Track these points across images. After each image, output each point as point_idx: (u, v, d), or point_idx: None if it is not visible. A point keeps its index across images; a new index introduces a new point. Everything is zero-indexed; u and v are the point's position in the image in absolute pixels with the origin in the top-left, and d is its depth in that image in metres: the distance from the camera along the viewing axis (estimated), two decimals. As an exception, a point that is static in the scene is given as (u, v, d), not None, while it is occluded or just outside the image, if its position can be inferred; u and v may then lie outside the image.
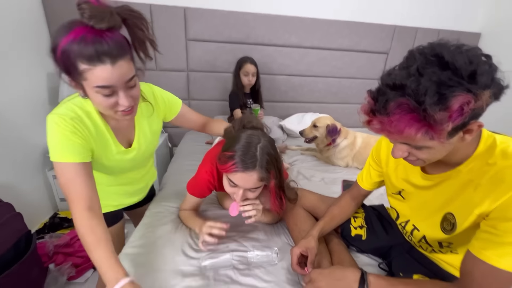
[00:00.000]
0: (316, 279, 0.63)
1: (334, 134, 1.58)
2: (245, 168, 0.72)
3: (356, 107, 2.41)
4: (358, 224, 0.91)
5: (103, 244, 0.63)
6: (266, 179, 0.76)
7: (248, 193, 0.80)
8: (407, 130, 0.45)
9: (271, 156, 0.76)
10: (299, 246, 0.77)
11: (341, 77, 2.28)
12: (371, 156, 0.84)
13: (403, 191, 0.73)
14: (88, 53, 0.54)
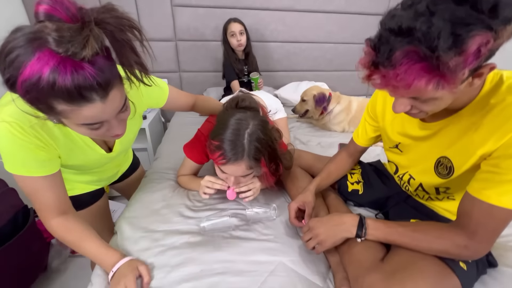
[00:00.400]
0: (314, 226, 0.64)
1: (322, 102, 1.55)
2: (233, 159, 0.70)
3: (352, 74, 2.34)
4: (355, 179, 0.91)
5: (86, 237, 0.63)
6: (255, 167, 0.75)
7: (241, 178, 0.79)
8: (416, 83, 0.39)
9: (262, 142, 0.72)
10: (296, 200, 0.77)
11: (336, 43, 2.20)
12: (366, 111, 0.82)
13: (400, 144, 0.72)
14: (67, 92, 0.40)
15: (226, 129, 0.71)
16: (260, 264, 0.65)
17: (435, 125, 0.60)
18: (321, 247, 0.62)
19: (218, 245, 0.71)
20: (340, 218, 0.63)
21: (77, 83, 0.40)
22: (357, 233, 0.60)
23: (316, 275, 0.65)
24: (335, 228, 0.62)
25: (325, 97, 1.56)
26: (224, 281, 0.61)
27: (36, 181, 0.57)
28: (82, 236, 0.63)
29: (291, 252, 0.70)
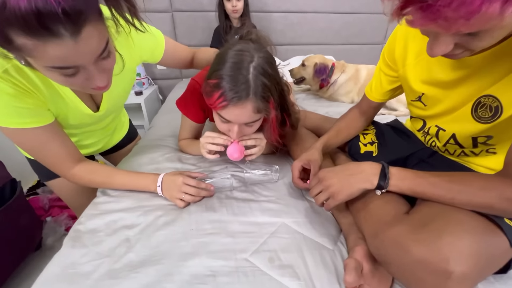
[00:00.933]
0: (325, 176, 0.54)
1: (322, 74, 1.43)
2: (236, 99, 0.55)
3: (361, 48, 2.19)
4: (368, 140, 0.80)
5: (114, 172, 0.65)
6: (264, 110, 0.60)
7: (245, 128, 0.65)
8: (485, 9, 0.27)
9: (270, 77, 0.59)
10: (300, 159, 0.67)
11: (344, 12, 2.04)
12: (382, 59, 0.69)
13: (424, 96, 0.60)
14: (23, 19, 0.32)
15: (225, 63, 0.57)
16: (259, 226, 0.56)
17: (476, 60, 0.47)
18: (333, 200, 0.52)
19: (210, 205, 0.62)
20: (357, 167, 0.52)
21: (36, 7, 0.32)
22: (378, 184, 0.49)
23: (325, 237, 0.55)
24: (351, 178, 0.51)
25: (326, 69, 1.43)
26: (215, 242, 0.52)
27: (35, 134, 0.53)
28: (110, 173, 0.65)
29: (295, 213, 0.60)
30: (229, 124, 0.64)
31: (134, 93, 1.71)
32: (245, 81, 0.55)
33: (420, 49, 0.56)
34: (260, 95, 0.57)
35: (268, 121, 0.68)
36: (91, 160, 0.67)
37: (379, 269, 0.45)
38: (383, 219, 0.46)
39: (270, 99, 0.60)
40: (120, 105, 0.77)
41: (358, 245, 0.48)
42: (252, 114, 0.59)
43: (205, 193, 0.64)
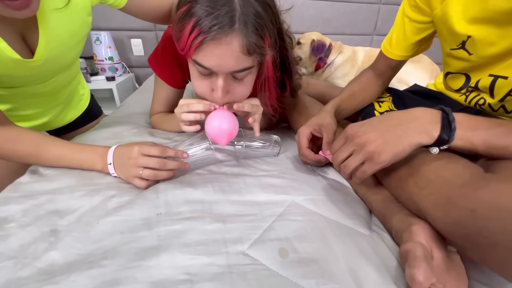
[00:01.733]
0: (358, 132, 0.37)
1: (320, 52, 1.30)
2: (217, 29, 0.38)
3: (352, 38, 2.11)
4: (384, 108, 0.66)
5: (46, 140, 0.47)
6: (258, 51, 0.42)
7: (233, 84, 0.46)
8: None
9: (263, 4, 0.41)
10: (308, 124, 0.51)
11: (333, 0, 1.96)
12: (406, 0, 0.56)
13: (470, 40, 0.45)
14: None
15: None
16: (260, 206, 0.38)
17: None
18: (372, 164, 0.34)
19: (188, 181, 0.43)
20: (405, 114, 0.36)
21: None
22: (440, 137, 0.33)
23: (355, 219, 0.38)
24: (397, 129, 0.34)
25: (324, 47, 1.31)
26: (194, 229, 0.33)
27: None
28: (40, 141, 0.46)
29: (308, 190, 0.43)
30: (211, 80, 0.45)
31: (105, 79, 1.49)
32: (228, 2, 0.38)
33: None
34: (251, 24, 0.39)
35: (263, 76, 0.50)
36: (19, 126, 0.47)
37: (453, 258, 0.29)
38: (455, 181, 0.30)
39: (265, 36, 0.42)
40: (68, 57, 0.57)
41: (414, 223, 0.32)
42: (241, 55, 0.40)
43: (174, 164, 0.43)
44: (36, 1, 0.40)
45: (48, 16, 0.47)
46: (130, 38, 1.72)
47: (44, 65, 0.51)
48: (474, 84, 0.49)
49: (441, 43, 0.54)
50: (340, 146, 0.39)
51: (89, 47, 1.54)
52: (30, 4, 0.38)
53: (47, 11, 0.46)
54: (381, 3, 2.05)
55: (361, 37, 2.15)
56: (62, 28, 0.50)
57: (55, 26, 0.49)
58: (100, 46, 1.50)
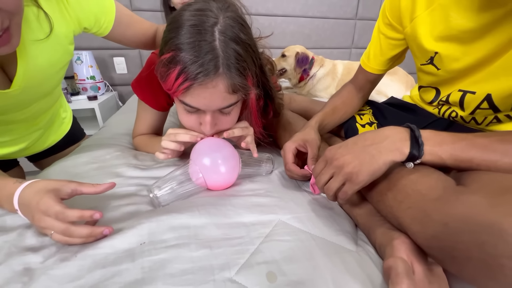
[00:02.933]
0: (335, 155, 0.38)
1: (305, 64, 1.37)
2: (203, 75, 0.40)
3: (330, 52, 2.23)
4: (366, 121, 0.69)
5: None
6: (242, 89, 0.44)
7: (220, 117, 0.48)
8: None
9: (243, 44, 0.43)
10: (293, 140, 0.52)
11: (312, 17, 2.05)
12: (381, 18, 0.59)
13: (437, 56, 0.49)
14: None
15: (181, 28, 0.41)
16: (247, 227, 0.38)
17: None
18: (352, 185, 0.36)
19: (173, 205, 0.42)
20: (376, 134, 0.38)
21: None
22: (410, 153, 0.35)
23: (342, 235, 0.39)
24: (371, 149, 0.36)
25: (307, 58, 1.37)
26: (180, 257, 0.32)
27: None
28: None
29: (294, 208, 0.43)
30: (198, 115, 0.47)
31: (87, 98, 1.46)
32: (211, 50, 0.40)
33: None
34: (234, 67, 0.42)
35: (247, 108, 0.52)
36: None
37: (435, 271, 0.30)
38: (430, 195, 0.31)
39: (248, 75, 0.45)
40: (48, 85, 0.56)
41: (395, 238, 0.32)
42: (227, 95, 0.43)
43: (84, 232, 0.33)
44: (17, 37, 0.39)
45: (28, 48, 0.46)
46: (112, 56, 1.71)
47: (22, 94, 0.49)
48: (445, 98, 0.52)
49: (414, 58, 0.57)
50: (321, 169, 0.40)
51: (70, 67, 1.51)
52: (10, 40, 0.37)
53: (26, 42, 0.45)
54: (356, 19, 2.17)
55: (340, 50, 2.25)
56: (42, 59, 0.49)
57: (35, 57, 0.48)
58: (81, 66, 1.47)
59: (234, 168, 0.48)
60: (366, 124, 0.68)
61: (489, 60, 0.43)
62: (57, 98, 0.69)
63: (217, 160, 0.46)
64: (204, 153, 0.47)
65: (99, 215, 0.35)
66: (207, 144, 0.48)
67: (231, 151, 0.48)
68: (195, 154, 0.47)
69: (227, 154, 0.47)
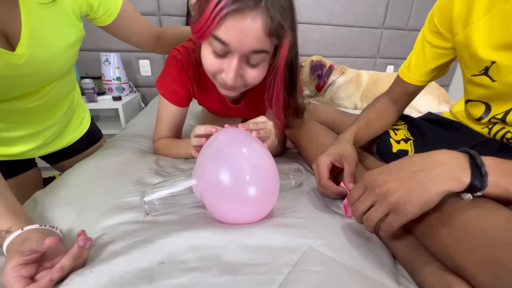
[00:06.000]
0: (377, 180, 0.34)
1: (318, 70, 1.37)
2: (243, 3, 0.39)
3: (355, 61, 2.22)
4: (400, 137, 0.63)
5: None
6: (279, 32, 0.42)
7: (247, 69, 0.47)
8: None
9: (289, 1, 0.45)
10: (328, 153, 0.48)
11: (337, 25, 2.01)
12: (428, 25, 0.53)
13: (493, 67, 0.44)
14: None
15: None
16: (273, 252, 0.34)
17: None
18: (398, 217, 0.31)
19: (193, 221, 0.40)
20: (428, 158, 0.33)
21: None
22: (471, 183, 0.30)
23: (380, 269, 0.34)
24: (422, 176, 0.31)
25: (322, 66, 1.37)
26: (201, 282, 0.29)
27: None
28: None
29: (324, 232, 0.39)
30: (224, 60, 0.45)
31: (112, 98, 1.50)
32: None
33: (492, 0, 0.41)
34: (277, 6, 0.41)
35: (273, 71, 0.50)
36: None
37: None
38: (500, 238, 0.26)
39: (287, 22, 0.44)
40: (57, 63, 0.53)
41: (453, 284, 0.27)
42: (262, 34, 0.41)
43: None
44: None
45: (32, 10, 0.44)
46: (138, 59, 1.76)
47: (28, 64, 0.46)
48: (500, 116, 0.47)
49: (462, 69, 0.52)
50: (359, 195, 0.36)
51: (97, 68, 1.57)
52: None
53: (31, 4, 0.44)
54: (383, 28, 2.10)
55: (364, 59, 2.18)
56: (48, 25, 0.47)
57: (39, 21, 0.46)
58: (108, 67, 1.52)
59: (272, 191, 0.35)
60: (401, 140, 0.63)
61: None
62: (72, 89, 0.68)
63: (240, 173, 0.35)
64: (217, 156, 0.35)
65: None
66: (226, 138, 0.38)
67: (268, 158, 0.37)
68: (200, 159, 0.36)
69: (261, 161, 0.35)
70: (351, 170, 0.46)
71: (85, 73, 1.60)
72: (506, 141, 0.48)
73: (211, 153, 0.37)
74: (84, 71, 1.61)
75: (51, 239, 0.30)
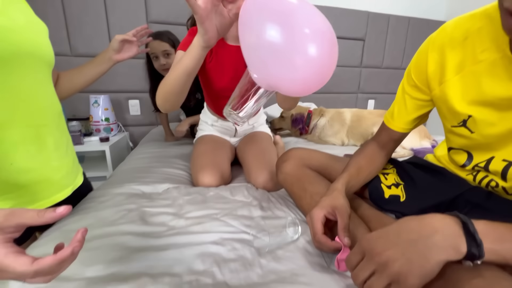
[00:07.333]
0: (375, 247, 0.33)
1: (298, 124, 1.49)
2: None
3: (337, 97, 2.37)
4: (391, 181, 0.64)
5: None
6: None
7: None
8: None
9: None
10: (321, 205, 0.48)
11: (320, 65, 2.16)
12: (406, 79, 0.57)
13: (471, 120, 0.47)
14: None
15: None
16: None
17: None
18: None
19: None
20: (422, 225, 0.33)
21: None
22: (469, 252, 0.30)
23: None
24: (420, 245, 0.31)
25: (302, 118, 1.50)
26: None
27: None
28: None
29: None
30: None
31: (99, 139, 1.47)
32: None
33: (462, 60, 0.46)
34: None
35: None
36: None
37: None
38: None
39: None
40: (34, 38, 0.53)
41: None
42: None
43: None
44: None
45: None
46: (128, 99, 1.77)
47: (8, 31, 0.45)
48: (483, 164, 0.49)
49: (442, 119, 0.55)
50: (357, 261, 0.35)
51: (86, 109, 1.56)
52: None
53: None
54: (361, 67, 2.27)
55: (347, 95, 2.32)
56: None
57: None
58: (97, 109, 1.52)
59: (331, 46, 0.28)
60: (392, 185, 0.64)
61: None
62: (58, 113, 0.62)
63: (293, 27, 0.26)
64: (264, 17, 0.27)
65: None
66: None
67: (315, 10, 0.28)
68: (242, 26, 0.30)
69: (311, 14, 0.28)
70: (344, 223, 0.45)
71: (72, 114, 1.59)
72: (491, 189, 0.50)
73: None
74: (71, 113, 1.60)
75: (66, 207, 0.28)
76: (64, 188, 0.62)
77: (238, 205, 0.63)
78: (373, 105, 2.40)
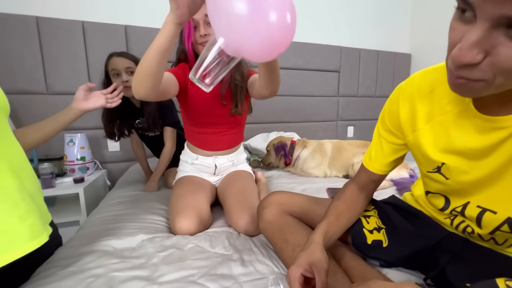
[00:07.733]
0: None
1: (281, 150, 1.52)
2: None
3: (318, 125, 2.46)
4: (373, 225, 0.64)
5: None
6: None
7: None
8: None
9: None
10: (298, 263, 0.46)
11: (299, 95, 2.25)
12: (381, 124, 0.59)
13: (444, 167, 0.48)
14: None
15: None
16: None
17: None
18: None
19: None
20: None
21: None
22: None
23: None
24: None
25: (283, 146, 1.53)
26: None
27: None
28: None
29: None
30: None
31: (73, 181, 1.39)
32: None
33: (431, 110, 0.48)
34: None
35: None
36: None
37: None
38: None
39: None
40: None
41: None
42: None
43: None
44: None
45: None
46: (106, 136, 1.72)
47: None
48: (460, 209, 0.49)
49: (417, 164, 0.56)
50: None
51: (60, 148, 1.49)
52: None
53: None
54: (338, 96, 2.39)
55: (327, 123, 2.40)
56: None
57: None
58: (72, 147, 1.46)
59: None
60: (373, 229, 0.63)
61: (500, 178, 0.41)
62: (13, 147, 0.53)
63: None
64: None
65: None
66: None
67: None
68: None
69: None
70: (322, 282, 0.43)
71: (44, 154, 1.50)
72: (467, 235, 0.51)
73: None
74: (44, 152, 1.52)
75: None
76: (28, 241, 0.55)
77: (218, 261, 0.59)
78: (353, 131, 2.50)
